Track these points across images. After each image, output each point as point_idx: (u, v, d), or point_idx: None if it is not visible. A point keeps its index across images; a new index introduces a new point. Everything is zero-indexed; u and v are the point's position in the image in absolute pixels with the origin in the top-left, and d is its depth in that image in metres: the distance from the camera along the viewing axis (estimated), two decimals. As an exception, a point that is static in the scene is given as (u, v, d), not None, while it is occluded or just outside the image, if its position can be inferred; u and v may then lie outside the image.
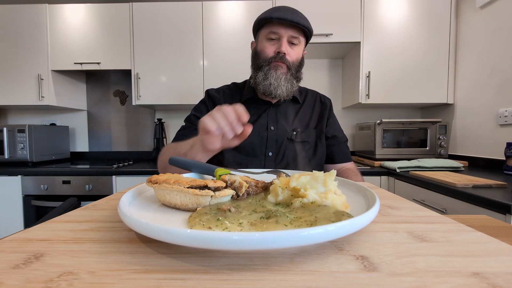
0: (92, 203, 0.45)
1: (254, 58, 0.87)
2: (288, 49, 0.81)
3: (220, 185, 0.37)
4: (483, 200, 0.92)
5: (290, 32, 0.80)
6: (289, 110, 0.91)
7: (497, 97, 1.47)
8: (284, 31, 0.79)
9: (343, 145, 0.96)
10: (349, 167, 0.93)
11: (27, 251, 0.26)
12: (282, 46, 0.80)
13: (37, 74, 1.86)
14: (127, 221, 0.28)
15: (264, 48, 0.82)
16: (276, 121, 0.88)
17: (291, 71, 0.83)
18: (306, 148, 0.87)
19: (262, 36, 0.84)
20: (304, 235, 0.23)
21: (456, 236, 0.30)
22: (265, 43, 0.83)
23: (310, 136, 0.90)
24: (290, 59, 0.82)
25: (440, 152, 1.72)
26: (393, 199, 0.47)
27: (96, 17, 1.86)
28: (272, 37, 0.81)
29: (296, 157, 0.86)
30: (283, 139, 0.86)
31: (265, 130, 0.87)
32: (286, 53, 0.81)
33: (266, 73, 0.82)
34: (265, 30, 0.82)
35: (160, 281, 0.21)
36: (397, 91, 1.78)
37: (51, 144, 1.99)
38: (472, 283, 0.20)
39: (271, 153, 0.87)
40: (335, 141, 0.94)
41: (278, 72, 0.81)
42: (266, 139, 0.86)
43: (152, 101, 1.88)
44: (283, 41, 0.80)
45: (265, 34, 0.82)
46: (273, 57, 0.81)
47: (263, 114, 0.89)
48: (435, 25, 1.74)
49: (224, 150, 0.83)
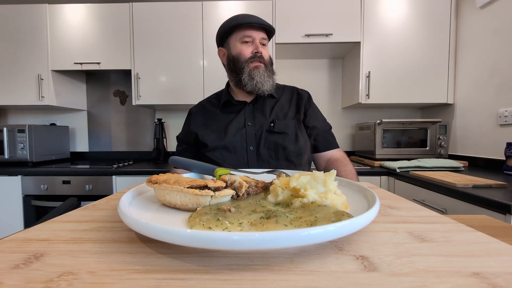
0: (92, 203, 0.45)
1: (231, 62, 0.93)
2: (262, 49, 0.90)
3: (220, 185, 0.37)
4: (483, 200, 0.92)
5: (261, 35, 0.90)
6: (265, 105, 0.96)
7: (497, 97, 1.47)
8: (256, 34, 0.89)
9: (325, 133, 0.98)
10: (337, 156, 0.95)
11: (27, 251, 0.26)
12: (258, 47, 0.89)
13: (37, 74, 1.86)
14: (127, 221, 0.28)
15: (241, 50, 0.90)
16: (253, 117, 0.93)
17: (268, 68, 0.92)
18: (286, 138, 0.90)
19: (235, 41, 0.91)
20: (304, 235, 0.23)
21: (456, 236, 0.30)
22: (240, 46, 0.90)
23: (288, 126, 0.92)
24: (265, 57, 0.91)
25: (440, 152, 1.72)
26: (393, 199, 0.47)
27: (96, 17, 1.86)
28: (246, 40, 0.89)
29: (277, 148, 0.88)
30: (261, 132, 0.91)
31: (243, 127, 0.92)
32: (262, 52, 0.90)
33: (250, 73, 0.89)
34: (238, 35, 0.90)
35: (160, 281, 0.21)
36: (397, 91, 1.78)
37: (51, 144, 1.99)
38: (472, 283, 0.20)
39: (252, 147, 0.90)
40: (316, 130, 0.97)
41: (260, 70, 0.89)
42: (246, 135, 0.91)
43: (152, 101, 1.88)
44: (257, 43, 0.89)
45: (239, 38, 0.90)
46: (251, 57, 0.89)
47: (240, 113, 0.95)
48: (435, 25, 1.74)
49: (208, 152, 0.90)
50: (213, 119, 0.96)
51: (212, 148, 0.89)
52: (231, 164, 0.88)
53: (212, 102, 1.02)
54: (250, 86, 0.89)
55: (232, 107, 0.97)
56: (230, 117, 0.94)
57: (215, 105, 1.00)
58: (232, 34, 0.91)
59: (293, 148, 0.89)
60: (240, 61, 0.90)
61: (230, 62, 0.93)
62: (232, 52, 0.92)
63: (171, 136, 2.22)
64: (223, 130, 0.92)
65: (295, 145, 0.90)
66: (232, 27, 0.89)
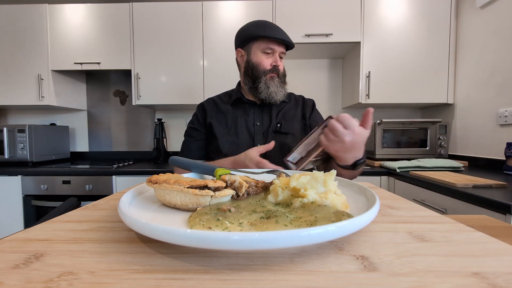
0: (92, 203, 0.45)
1: (250, 68, 0.97)
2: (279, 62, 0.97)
3: (220, 185, 0.37)
4: (483, 200, 0.92)
5: (282, 49, 0.96)
6: (273, 108, 1.01)
7: (497, 97, 1.47)
8: (278, 48, 0.94)
9: None
10: None
11: (27, 251, 0.26)
12: (277, 60, 0.95)
13: (37, 74, 1.86)
14: (127, 221, 0.28)
15: (261, 61, 0.95)
16: (262, 118, 0.99)
17: (281, 79, 0.98)
18: (292, 139, 0.94)
19: (257, 49, 0.95)
20: (304, 235, 0.23)
21: (456, 236, 0.30)
22: (261, 56, 0.95)
23: (295, 128, 0.97)
24: (281, 70, 0.97)
25: (440, 152, 1.72)
26: (393, 199, 0.47)
27: (96, 17, 1.86)
28: (268, 51, 0.94)
29: (283, 147, 0.92)
30: (268, 132, 0.96)
31: (252, 126, 0.98)
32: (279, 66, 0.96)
33: (266, 83, 0.94)
34: (261, 44, 0.94)
35: (160, 281, 0.21)
36: (397, 91, 1.78)
37: (51, 144, 1.99)
38: (472, 283, 0.20)
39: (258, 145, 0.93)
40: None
41: (275, 82, 0.95)
42: (254, 134, 0.97)
43: (152, 101, 1.88)
44: (277, 56, 0.95)
45: (262, 48, 0.94)
46: (270, 69, 0.95)
47: (249, 112, 1.00)
48: (435, 25, 1.74)
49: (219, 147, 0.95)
50: (224, 114, 1.00)
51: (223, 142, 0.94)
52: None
53: (223, 99, 1.06)
54: (265, 94, 0.95)
55: (242, 105, 1.02)
56: (240, 114, 1.00)
57: (226, 102, 1.04)
58: (256, 42, 0.95)
59: None
60: (259, 70, 0.95)
61: (248, 67, 0.97)
62: (252, 59, 0.96)
63: (171, 136, 2.22)
64: (232, 125, 0.97)
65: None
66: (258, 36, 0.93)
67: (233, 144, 0.94)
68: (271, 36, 0.91)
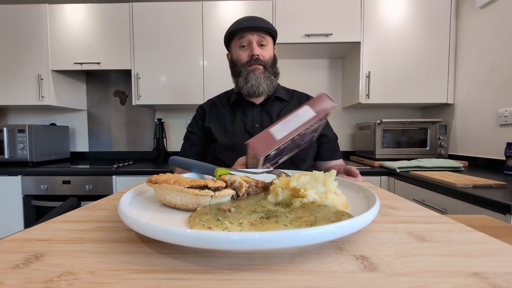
0: (92, 203, 0.45)
1: (232, 67, 0.97)
2: (260, 50, 0.91)
3: (220, 185, 0.37)
4: (483, 200, 0.92)
5: (257, 36, 0.91)
6: (273, 108, 0.97)
7: (497, 97, 1.47)
8: (252, 37, 0.90)
9: (333, 143, 1.02)
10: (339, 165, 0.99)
11: (27, 251, 0.26)
12: (254, 50, 0.90)
13: (37, 74, 1.86)
14: (127, 221, 0.28)
15: (238, 56, 0.93)
16: (261, 119, 0.95)
17: (268, 69, 0.93)
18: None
19: (235, 46, 0.94)
20: (304, 235, 0.23)
21: (456, 236, 0.30)
22: (238, 51, 0.93)
23: None
24: (264, 58, 0.92)
25: (440, 152, 1.72)
26: (393, 199, 0.47)
27: (96, 17, 1.86)
28: (243, 44, 0.91)
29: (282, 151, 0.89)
30: None
31: (251, 129, 0.94)
32: (259, 54, 0.90)
33: (245, 77, 0.91)
34: (236, 41, 0.93)
35: (160, 281, 0.21)
36: (397, 91, 1.78)
37: (51, 144, 1.99)
38: (472, 283, 0.20)
39: None
40: (326, 139, 1.00)
41: (257, 73, 0.91)
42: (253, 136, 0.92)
43: (152, 101, 1.88)
44: (254, 45, 0.91)
45: (237, 44, 0.93)
46: (248, 61, 0.91)
47: (249, 114, 0.96)
48: (435, 25, 1.74)
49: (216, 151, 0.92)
50: (222, 117, 0.98)
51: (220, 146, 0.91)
52: None
53: (222, 100, 1.04)
54: (246, 89, 0.92)
55: (241, 106, 0.98)
56: (239, 117, 0.96)
57: (225, 104, 1.02)
58: (233, 40, 0.94)
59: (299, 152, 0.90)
60: (238, 65, 0.93)
61: (231, 66, 0.98)
62: (233, 57, 0.96)
63: (171, 136, 2.22)
64: (231, 128, 0.94)
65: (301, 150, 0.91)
66: (230, 33, 0.92)
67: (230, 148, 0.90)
68: (236, 29, 0.89)
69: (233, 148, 0.90)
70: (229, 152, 0.90)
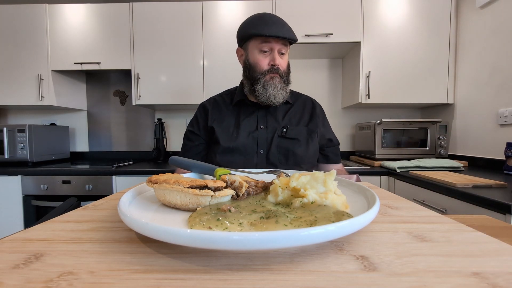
0: (92, 203, 0.45)
1: (247, 69, 0.91)
2: (280, 60, 0.87)
3: (220, 185, 0.37)
4: (483, 200, 0.92)
5: (281, 45, 0.86)
6: (278, 110, 0.96)
7: (497, 97, 1.47)
8: (276, 45, 0.85)
9: (337, 147, 1.03)
10: (339, 168, 1.02)
11: (27, 251, 0.26)
12: (276, 59, 0.86)
13: (37, 74, 1.86)
14: (127, 221, 0.28)
15: (258, 61, 0.87)
16: (266, 121, 0.93)
17: (283, 79, 0.89)
18: (297, 145, 0.90)
19: (253, 48, 0.88)
20: (304, 235, 0.23)
21: (456, 236, 0.30)
22: (257, 55, 0.87)
23: (300, 133, 0.92)
24: (282, 68, 0.88)
25: (440, 152, 1.72)
26: (393, 199, 0.47)
27: (96, 17, 1.86)
28: (265, 49, 0.86)
29: (287, 153, 0.89)
30: (273, 136, 0.90)
31: (255, 130, 0.91)
32: (279, 64, 0.87)
33: (264, 85, 0.87)
34: (256, 43, 0.86)
35: (160, 281, 0.21)
36: (397, 91, 1.78)
37: (51, 144, 1.99)
38: (472, 283, 0.20)
39: (262, 151, 0.89)
40: (332, 143, 1.01)
41: (275, 82, 0.87)
42: (257, 138, 0.90)
43: (152, 101, 1.88)
44: (275, 55, 0.86)
45: (257, 47, 0.87)
46: (268, 70, 0.87)
47: (253, 115, 0.94)
48: (435, 25, 1.74)
49: (217, 153, 0.89)
50: (225, 117, 0.94)
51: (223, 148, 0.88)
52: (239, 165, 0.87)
53: (225, 99, 1.00)
54: (263, 97, 0.88)
55: (245, 107, 0.95)
56: (243, 117, 0.93)
57: (228, 103, 0.98)
58: (251, 40, 0.87)
59: (303, 155, 0.90)
60: (256, 71, 0.88)
61: (246, 68, 0.91)
62: (249, 59, 0.90)
63: (171, 136, 2.22)
64: (235, 129, 0.91)
65: (305, 152, 0.91)
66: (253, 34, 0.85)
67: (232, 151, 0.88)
68: (264, 34, 0.82)
69: (235, 151, 0.88)
70: (230, 154, 0.88)
